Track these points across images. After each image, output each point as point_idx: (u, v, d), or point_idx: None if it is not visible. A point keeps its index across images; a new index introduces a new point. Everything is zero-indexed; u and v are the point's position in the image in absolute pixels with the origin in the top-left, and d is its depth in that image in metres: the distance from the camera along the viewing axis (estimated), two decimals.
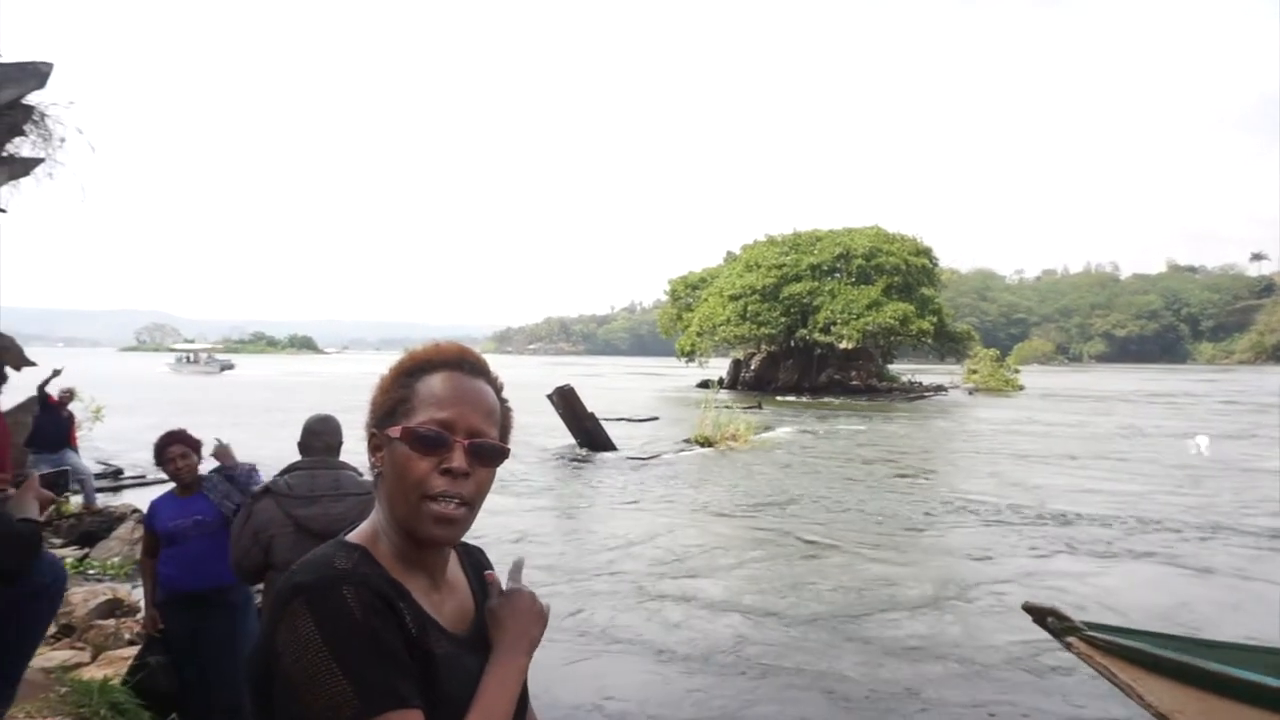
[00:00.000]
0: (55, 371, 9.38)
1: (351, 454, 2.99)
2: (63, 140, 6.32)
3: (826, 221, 79.74)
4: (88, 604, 5.57)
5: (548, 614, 1.14)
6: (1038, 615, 2.50)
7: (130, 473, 13.35)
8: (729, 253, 58.04)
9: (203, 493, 3.68)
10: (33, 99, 5.97)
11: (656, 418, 26.12)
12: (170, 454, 3.65)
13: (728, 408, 23.34)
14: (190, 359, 70.87)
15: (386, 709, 0.87)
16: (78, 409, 10.39)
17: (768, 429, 22.74)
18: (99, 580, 6.95)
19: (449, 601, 1.07)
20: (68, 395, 9.94)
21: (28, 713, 3.38)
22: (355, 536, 1.04)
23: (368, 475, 1.09)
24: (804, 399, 40.69)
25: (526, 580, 1.17)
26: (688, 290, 56.38)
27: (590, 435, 17.85)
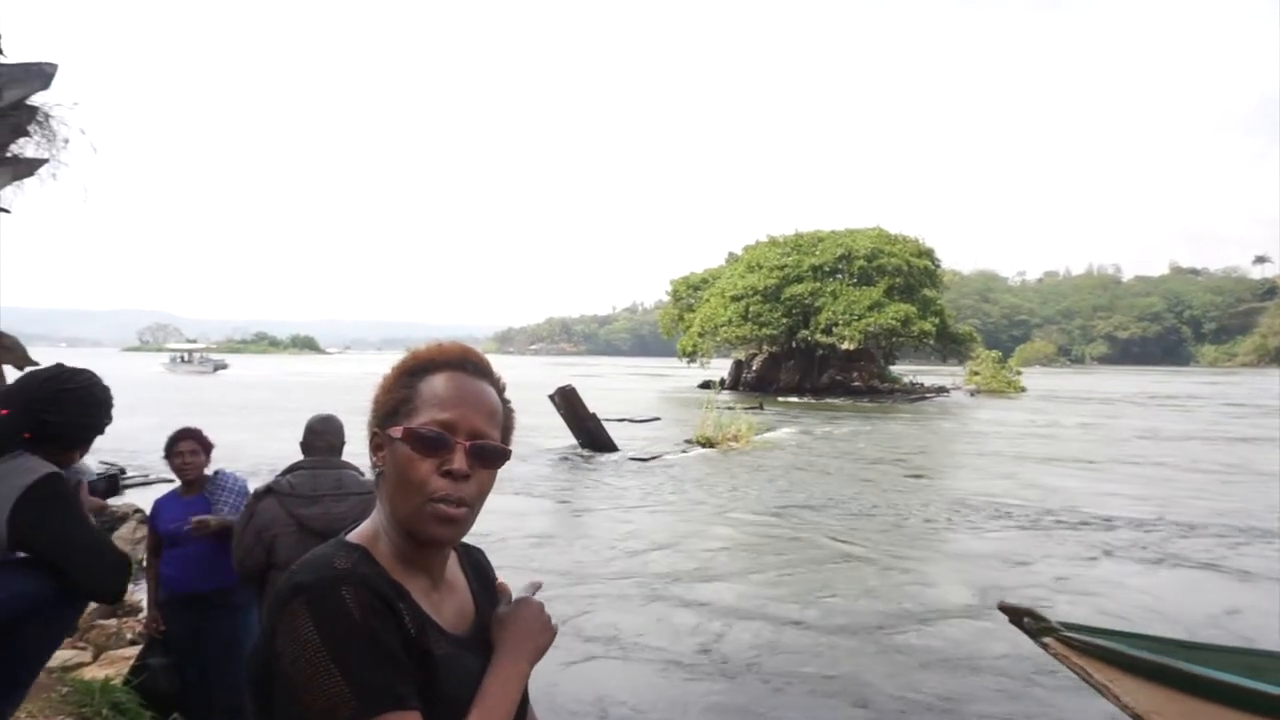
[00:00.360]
0: None
1: (353, 455, 2.99)
2: (66, 141, 6.33)
3: (828, 222, 79.90)
4: (90, 603, 5.57)
5: (556, 630, 1.15)
6: (1014, 615, 2.49)
7: (132, 473, 13.35)
8: (731, 253, 58.09)
9: (204, 494, 3.69)
10: (37, 100, 5.98)
11: (658, 418, 26.14)
12: (179, 448, 3.67)
13: (729, 408, 23.35)
14: (184, 359, 72.04)
15: (384, 710, 0.87)
16: None
17: (769, 430, 22.74)
18: None
19: (448, 602, 1.07)
20: None
21: (29, 713, 3.38)
22: (356, 536, 1.04)
23: (370, 475, 1.09)
24: (806, 400, 40.68)
25: (538, 598, 1.18)
26: (689, 291, 56.39)
27: (592, 436, 17.86)
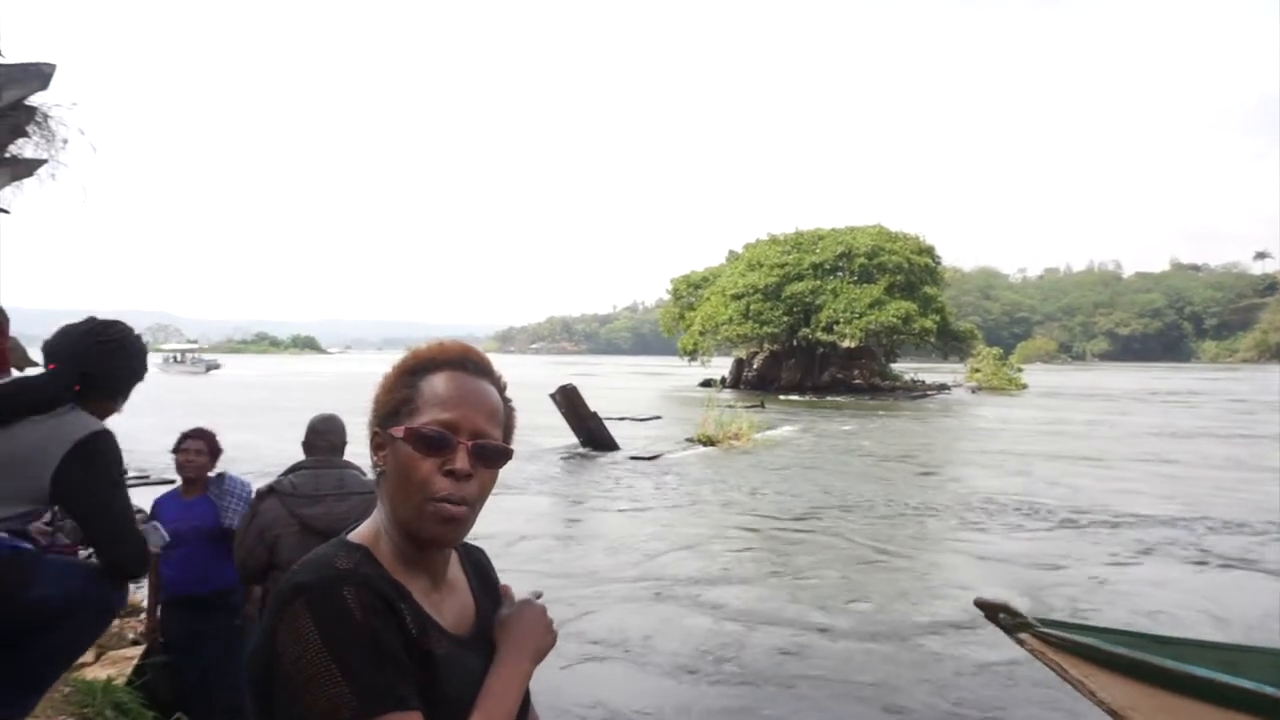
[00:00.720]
0: None
1: (355, 455, 2.99)
2: (65, 141, 6.31)
3: (829, 220, 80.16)
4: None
5: (557, 634, 1.16)
6: (989, 611, 2.49)
7: (132, 472, 13.37)
8: (731, 252, 58.15)
9: (207, 496, 3.68)
10: (36, 100, 5.97)
11: (659, 417, 26.15)
12: (186, 446, 3.67)
13: (730, 407, 23.37)
14: (177, 359, 73.80)
15: (385, 710, 0.87)
16: None
17: (771, 428, 22.74)
18: None
19: (449, 602, 1.07)
20: None
21: (31, 712, 3.38)
22: (357, 536, 1.03)
23: (371, 474, 1.09)
24: (807, 398, 40.71)
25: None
26: (690, 289, 56.41)
27: (593, 434, 17.88)
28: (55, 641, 2.17)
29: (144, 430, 11.68)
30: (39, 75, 5.68)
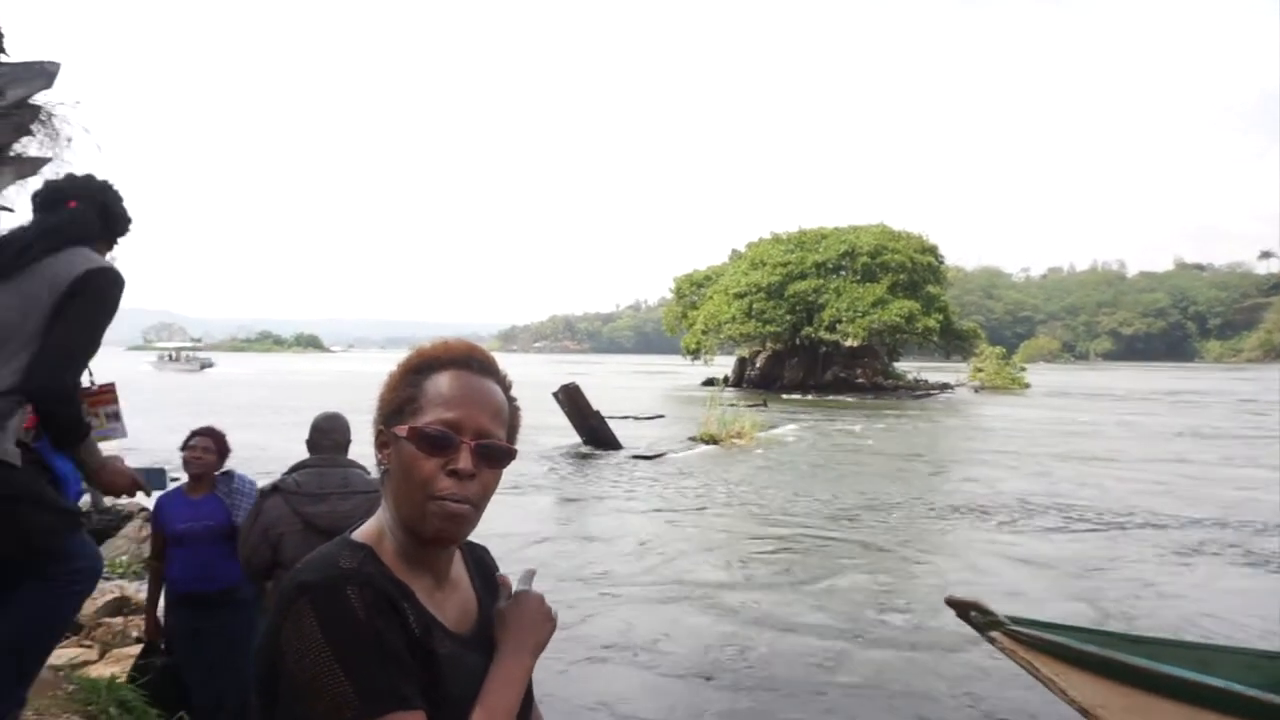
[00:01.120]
0: None
1: (359, 455, 2.99)
2: (69, 140, 6.32)
3: (831, 219, 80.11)
4: (95, 602, 5.58)
5: (556, 619, 1.15)
6: (961, 609, 2.48)
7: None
8: (734, 250, 58.10)
9: (215, 494, 3.68)
10: (40, 98, 5.97)
11: (662, 416, 26.14)
12: (194, 443, 3.67)
13: (733, 406, 23.37)
14: (172, 357, 74.91)
15: (389, 710, 0.87)
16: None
17: (773, 427, 22.73)
18: (107, 579, 6.97)
19: (452, 601, 1.07)
20: None
21: (36, 710, 3.38)
22: (361, 534, 1.03)
23: (375, 473, 1.09)
24: (810, 397, 40.68)
25: (535, 586, 1.17)
26: (693, 288, 56.36)
27: (595, 433, 17.87)
28: (40, 605, 2.17)
29: (145, 431, 11.67)
30: (43, 74, 5.68)
